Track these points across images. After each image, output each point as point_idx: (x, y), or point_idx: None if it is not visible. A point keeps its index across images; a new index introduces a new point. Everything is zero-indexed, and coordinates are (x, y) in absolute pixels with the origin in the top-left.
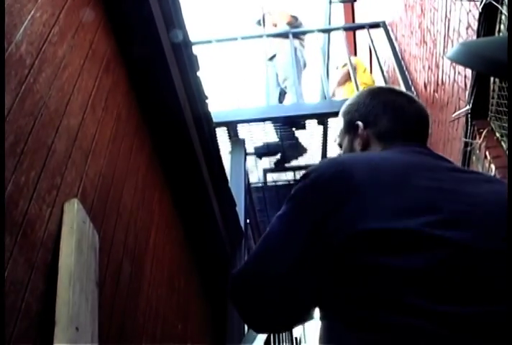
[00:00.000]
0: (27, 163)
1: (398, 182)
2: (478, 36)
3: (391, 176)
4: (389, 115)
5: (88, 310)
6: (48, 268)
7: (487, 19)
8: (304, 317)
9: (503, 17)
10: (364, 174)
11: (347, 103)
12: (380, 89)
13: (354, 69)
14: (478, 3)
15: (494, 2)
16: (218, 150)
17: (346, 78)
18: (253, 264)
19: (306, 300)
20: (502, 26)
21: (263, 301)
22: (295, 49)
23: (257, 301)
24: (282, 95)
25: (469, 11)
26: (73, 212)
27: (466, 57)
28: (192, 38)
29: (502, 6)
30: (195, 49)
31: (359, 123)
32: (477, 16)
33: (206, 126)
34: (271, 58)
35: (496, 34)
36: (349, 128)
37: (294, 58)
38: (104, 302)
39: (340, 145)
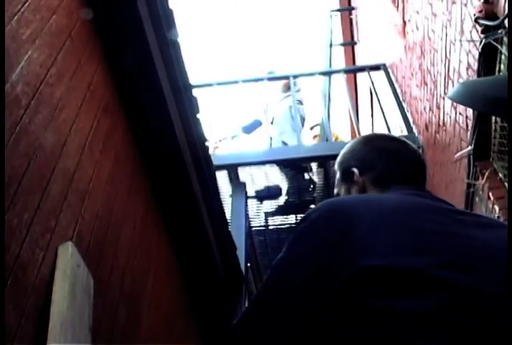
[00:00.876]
0: (20, 205)
1: (399, 221)
2: (479, 76)
3: (392, 215)
4: (384, 160)
5: None
6: (39, 314)
7: (487, 59)
8: None
9: (503, 57)
10: (364, 212)
11: (342, 152)
12: (373, 135)
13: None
14: (478, 44)
15: (493, 42)
16: (218, 193)
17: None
18: (254, 311)
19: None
20: (502, 66)
21: None
22: (291, 107)
23: None
24: None
25: (469, 51)
26: (67, 256)
27: (467, 96)
28: (193, 81)
29: (501, 46)
30: (196, 92)
31: (355, 169)
32: (477, 56)
33: (206, 168)
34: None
35: (496, 73)
36: (346, 176)
37: (292, 108)
38: None
39: (338, 195)
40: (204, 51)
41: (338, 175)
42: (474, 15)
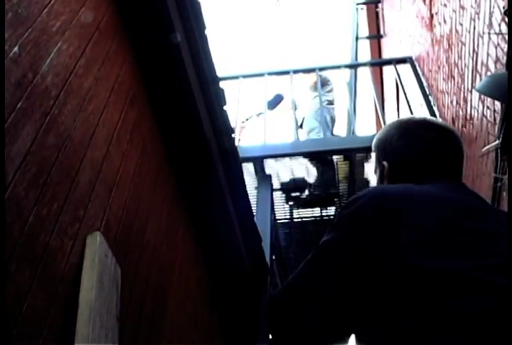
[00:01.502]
0: (50, 195)
1: (446, 219)
2: (507, 69)
3: (438, 213)
4: (418, 154)
5: None
6: (68, 303)
7: None
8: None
9: None
10: (411, 208)
11: (377, 136)
12: (411, 123)
13: None
14: (507, 37)
15: None
16: (244, 186)
17: None
18: (294, 286)
19: (342, 325)
20: None
21: (300, 323)
22: (318, 109)
23: (294, 322)
24: None
25: (498, 44)
26: (96, 245)
27: (494, 88)
28: (219, 73)
29: None
30: (222, 84)
31: (385, 163)
32: (505, 49)
33: (232, 161)
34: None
35: None
36: (379, 163)
37: (320, 106)
38: (125, 338)
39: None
40: (231, 43)
41: (374, 157)
42: (504, 7)
